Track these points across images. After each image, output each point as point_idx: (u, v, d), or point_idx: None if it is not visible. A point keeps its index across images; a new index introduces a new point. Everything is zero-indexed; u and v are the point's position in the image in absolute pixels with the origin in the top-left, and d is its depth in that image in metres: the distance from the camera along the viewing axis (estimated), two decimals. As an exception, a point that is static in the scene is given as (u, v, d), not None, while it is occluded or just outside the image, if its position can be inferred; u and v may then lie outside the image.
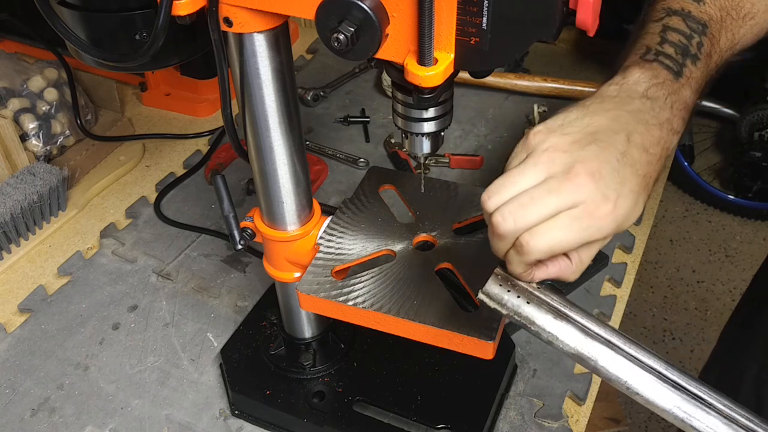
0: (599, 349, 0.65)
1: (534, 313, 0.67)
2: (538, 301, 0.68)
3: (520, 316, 0.67)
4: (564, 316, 0.67)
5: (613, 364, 0.65)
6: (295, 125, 0.81)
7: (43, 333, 1.16)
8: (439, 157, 1.42)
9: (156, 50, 0.70)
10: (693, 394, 0.64)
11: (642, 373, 0.65)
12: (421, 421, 0.95)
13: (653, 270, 2.78)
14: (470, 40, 0.62)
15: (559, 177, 0.64)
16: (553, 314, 0.67)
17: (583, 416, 1.02)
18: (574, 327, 0.66)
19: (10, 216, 1.23)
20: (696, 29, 0.79)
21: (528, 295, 0.68)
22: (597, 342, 0.66)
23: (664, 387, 0.64)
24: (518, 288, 0.69)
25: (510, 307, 0.68)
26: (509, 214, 0.64)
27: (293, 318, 1.00)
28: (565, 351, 0.66)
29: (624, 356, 0.65)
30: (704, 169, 3.11)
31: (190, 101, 1.60)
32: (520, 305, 0.67)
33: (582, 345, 0.66)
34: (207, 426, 1.02)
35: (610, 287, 1.21)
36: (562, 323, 0.67)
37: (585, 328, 0.66)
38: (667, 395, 0.64)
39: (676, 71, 0.75)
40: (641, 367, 0.65)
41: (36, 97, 1.41)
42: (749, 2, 0.86)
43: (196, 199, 1.39)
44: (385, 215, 0.93)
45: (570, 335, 0.66)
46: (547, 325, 0.67)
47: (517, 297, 0.68)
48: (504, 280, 0.69)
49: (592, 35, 0.77)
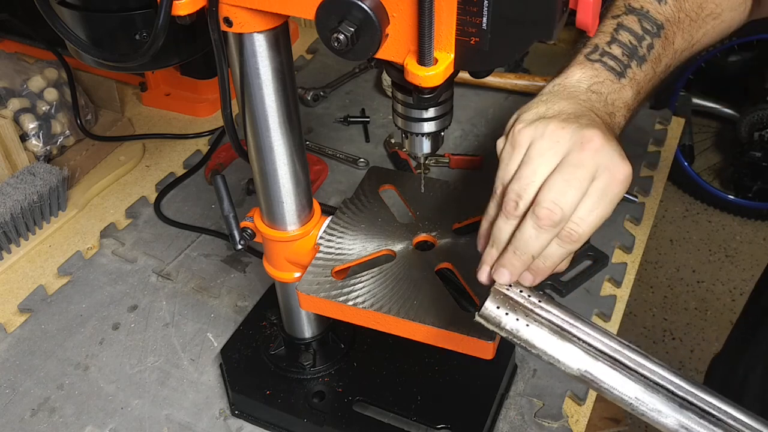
0: (603, 370, 0.63)
1: (533, 336, 0.65)
2: (538, 321, 0.65)
3: (520, 339, 0.65)
4: (566, 335, 0.65)
5: (617, 385, 0.63)
6: (295, 125, 0.81)
7: (43, 333, 1.16)
8: (439, 157, 1.42)
9: (156, 50, 0.70)
10: (700, 410, 0.62)
11: (646, 393, 0.62)
12: (421, 421, 0.95)
13: (653, 270, 2.78)
14: (470, 40, 0.62)
15: (575, 149, 0.64)
16: (554, 335, 0.64)
17: (583, 416, 1.02)
18: (576, 347, 0.64)
19: (10, 216, 1.23)
20: (649, 30, 0.79)
21: (528, 315, 0.65)
22: (600, 362, 0.63)
23: (672, 406, 0.62)
24: (518, 309, 0.66)
25: (509, 330, 0.65)
26: (554, 204, 0.63)
27: (293, 318, 1.00)
28: (567, 374, 0.64)
29: (628, 376, 0.63)
30: (704, 169, 3.11)
31: (190, 101, 1.60)
32: (519, 329, 0.65)
33: (584, 366, 0.63)
34: (207, 426, 1.02)
35: (610, 287, 1.21)
36: (563, 344, 0.64)
37: (588, 348, 0.64)
38: (673, 414, 0.61)
39: (618, 72, 0.76)
40: (646, 385, 0.62)
41: (36, 97, 1.41)
42: (713, 2, 0.85)
43: (196, 199, 1.39)
44: (385, 215, 0.93)
45: (571, 357, 0.64)
46: (548, 349, 0.64)
47: (516, 320, 0.65)
48: (503, 301, 0.67)
49: (593, 35, 0.77)
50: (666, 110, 1.56)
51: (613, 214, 1.32)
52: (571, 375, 0.64)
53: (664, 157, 1.47)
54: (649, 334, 2.55)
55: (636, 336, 2.52)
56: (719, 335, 2.50)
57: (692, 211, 3.04)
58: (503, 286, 0.68)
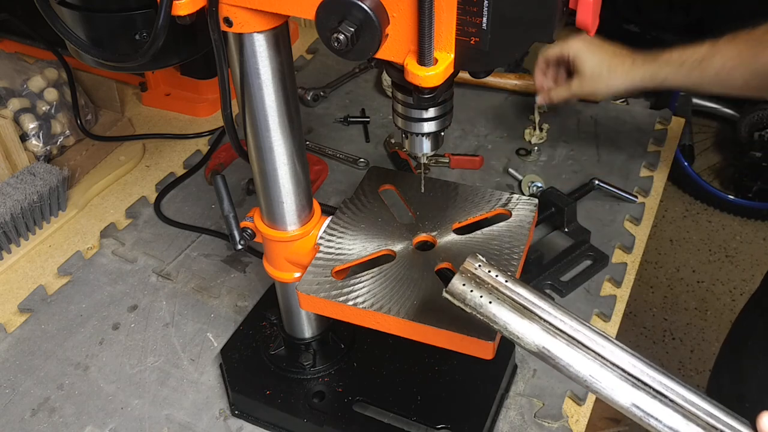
0: (560, 347, 0.65)
1: (496, 312, 0.67)
2: (501, 298, 0.68)
3: (483, 314, 0.68)
4: (527, 313, 0.67)
5: (573, 362, 0.65)
6: (295, 125, 0.81)
7: (43, 333, 1.16)
8: (439, 157, 1.42)
9: (156, 50, 0.70)
10: (654, 391, 0.64)
11: (602, 371, 0.65)
12: (421, 421, 0.95)
13: (653, 270, 2.78)
14: (470, 40, 0.62)
15: None
16: (516, 312, 0.67)
17: (583, 416, 1.02)
18: (535, 324, 0.66)
19: (10, 216, 1.23)
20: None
21: (491, 293, 0.68)
22: (558, 340, 0.66)
23: (624, 384, 0.64)
24: (482, 287, 0.69)
25: (472, 305, 0.68)
26: None
27: (293, 318, 1.00)
28: (527, 349, 0.67)
29: (585, 354, 0.65)
30: (704, 169, 3.11)
31: (190, 101, 1.60)
32: (483, 304, 0.68)
33: (543, 343, 0.66)
34: (207, 426, 1.02)
35: (610, 287, 1.21)
36: (523, 321, 0.66)
37: (547, 326, 0.66)
38: (627, 393, 0.64)
39: None
40: (602, 364, 0.65)
41: (36, 97, 1.42)
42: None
43: (196, 199, 1.39)
44: (385, 215, 0.93)
45: (531, 333, 0.66)
46: (509, 325, 0.67)
47: (480, 297, 0.68)
48: (468, 279, 0.69)
49: (592, 35, 0.77)
50: (666, 110, 1.56)
51: (613, 214, 1.34)
52: (530, 351, 0.66)
53: (665, 157, 1.47)
54: (649, 334, 2.55)
55: (636, 336, 2.52)
56: (719, 335, 2.50)
57: (692, 211, 3.04)
58: (472, 266, 0.71)
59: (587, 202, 1.34)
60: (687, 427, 0.62)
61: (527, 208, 0.91)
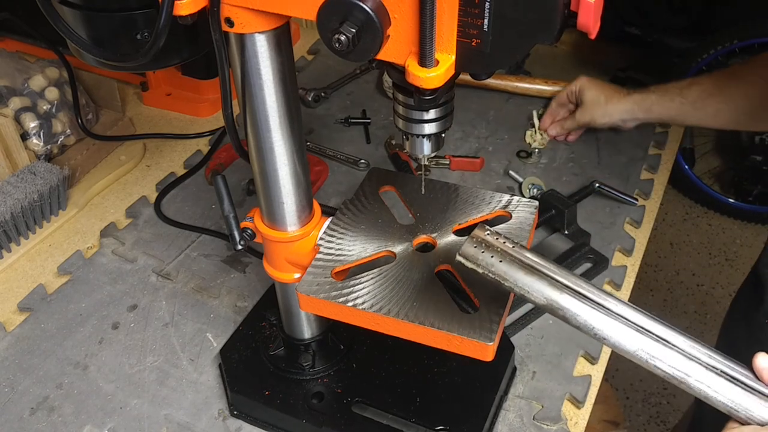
0: (567, 299, 0.71)
1: (507, 270, 0.73)
2: (510, 259, 0.74)
3: (495, 273, 0.73)
4: (535, 272, 0.73)
5: (580, 312, 0.71)
6: (296, 126, 0.81)
7: (42, 332, 1.16)
8: (440, 159, 1.42)
9: (157, 50, 0.70)
10: (657, 336, 0.70)
11: (608, 319, 0.70)
12: (420, 422, 0.95)
13: (653, 273, 2.78)
14: (471, 41, 0.62)
15: None
16: (525, 270, 0.73)
17: (581, 419, 1.02)
18: (543, 280, 0.72)
19: (10, 215, 1.23)
20: None
21: (501, 254, 0.74)
22: (565, 293, 0.71)
23: (629, 331, 0.70)
24: (492, 248, 0.75)
25: (484, 265, 0.74)
26: None
27: (293, 319, 1.00)
28: (536, 303, 0.72)
29: (591, 305, 0.71)
30: (705, 172, 3.11)
31: (191, 101, 1.60)
32: (494, 263, 0.74)
33: (551, 296, 0.71)
34: (206, 426, 1.02)
35: (610, 290, 1.21)
36: (532, 278, 0.72)
37: (555, 281, 0.72)
38: (633, 338, 0.70)
39: None
40: (607, 314, 0.71)
41: (37, 96, 1.42)
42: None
43: (197, 199, 1.39)
44: (386, 216, 0.93)
45: (539, 288, 0.72)
46: (518, 280, 0.72)
47: (491, 257, 0.74)
48: (479, 242, 0.75)
49: (594, 38, 0.77)
50: (667, 113, 1.56)
51: (614, 217, 1.34)
52: (539, 304, 0.72)
53: (665, 160, 1.47)
54: (649, 337, 2.55)
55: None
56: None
57: (692, 215, 3.04)
58: (482, 232, 0.76)
59: (587, 204, 1.34)
60: (688, 365, 0.69)
61: (527, 210, 0.91)
